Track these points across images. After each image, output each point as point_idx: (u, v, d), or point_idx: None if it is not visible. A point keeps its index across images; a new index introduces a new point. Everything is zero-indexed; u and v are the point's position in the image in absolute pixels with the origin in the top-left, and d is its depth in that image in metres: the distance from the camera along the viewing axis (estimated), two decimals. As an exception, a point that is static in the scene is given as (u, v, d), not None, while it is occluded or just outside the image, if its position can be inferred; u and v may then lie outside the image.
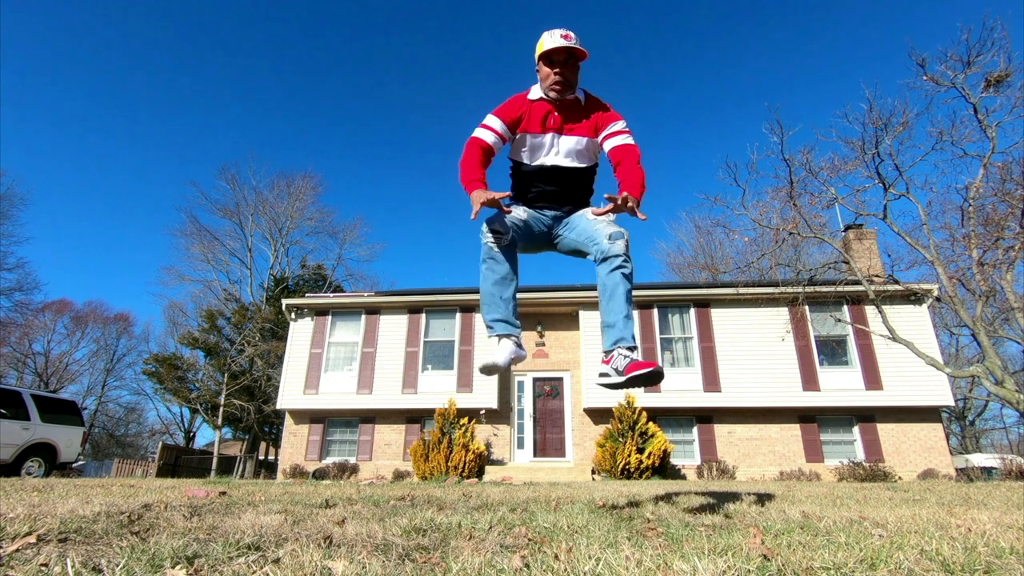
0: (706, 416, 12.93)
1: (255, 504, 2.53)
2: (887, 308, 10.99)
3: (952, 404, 12.98)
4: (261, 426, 25.71)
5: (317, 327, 14.71)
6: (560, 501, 2.90)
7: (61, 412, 9.97)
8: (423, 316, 14.46)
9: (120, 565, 1.11)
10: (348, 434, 14.06)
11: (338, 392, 13.95)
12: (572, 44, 2.19)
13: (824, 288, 12.02)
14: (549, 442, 13.37)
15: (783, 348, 12.98)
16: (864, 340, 12.72)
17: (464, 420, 11.35)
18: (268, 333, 24.89)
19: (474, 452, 10.96)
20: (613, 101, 2.37)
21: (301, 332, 14.71)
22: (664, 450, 10.77)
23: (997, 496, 3.54)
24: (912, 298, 12.74)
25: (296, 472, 13.25)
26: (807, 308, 12.97)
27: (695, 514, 2.14)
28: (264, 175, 37.90)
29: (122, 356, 36.09)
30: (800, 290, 11.68)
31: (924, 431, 12.41)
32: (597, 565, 1.16)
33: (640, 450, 10.64)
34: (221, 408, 23.80)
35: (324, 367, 14.28)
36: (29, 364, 31.84)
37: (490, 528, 1.74)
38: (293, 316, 14.89)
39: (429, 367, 14.06)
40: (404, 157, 63.41)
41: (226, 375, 24.27)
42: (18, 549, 1.25)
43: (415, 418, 13.68)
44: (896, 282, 10.92)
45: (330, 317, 14.79)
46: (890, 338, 10.06)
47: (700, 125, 64.44)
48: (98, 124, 54.93)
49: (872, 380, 12.52)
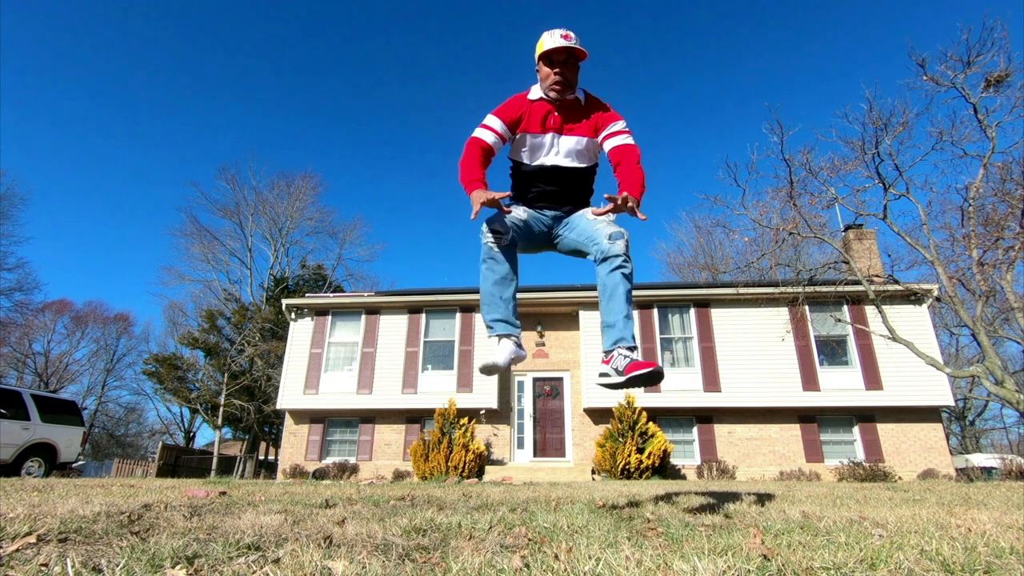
0: (706, 416, 12.94)
1: (255, 504, 2.53)
2: (887, 308, 10.99)
3: (952, 404, 12.98)
4: (261, 426, 25.71)
5: (317, 327, 14.72)
6: (560, 501, 2.90)
7: (61, 412, 9.97)
8: (423, 316, 14.46)
9: (120, 565, 1.11)
10: (348, 434, 14.06)
11: (338, 392, 13.95)
12: (572, 44, 2.18)
13: (824, 288, 12.02)
14: (549, 442, 13.37)
15: (783, 348, 12.98)
16: (864, 340, 12.72)
17: (464, 420, 11.35)
18: (268, 333, 24.89)
19: (474, 452, 10.96)
20: (613, 101, 2.36)
21: (301, 332, 14.72)
22: (664, 450, 10.78)
23: (997, 496, 3.54)
24: (912, 298, 12.74)
25: (296, 472, 13.25)
26: (807, 308, 12.97)
27: (695, 514, 2.14)
28: (264, 175, 37.96)
29: (122, 356, 36.16)
30: (800, 290, 11.68)
31: (924, 431, 12.41)
32: (597, 565, 1.16)
33: (640, 450, 10.65)
34: (221, 408, 23.80)
35: (324, 367, 14.28)
36: (29, 364, 31.86)
37: (490, 528, 1.74)
38: (293, 316, 14.90)
39: (429, 367, 14.06)
40: (404, 157, 63.49)
41: (226, 375, 24.28)
42: (18, 549, 1.25)
43: (415, 418, 13.69)
44: (896, 282, 10.92)
45: (330, 317, 14.79)
46: (890, 338, 10.06)
47: (700, 125, 64.53)
48: (98, 124, 55.00)
49: (872, 380, 12.52)
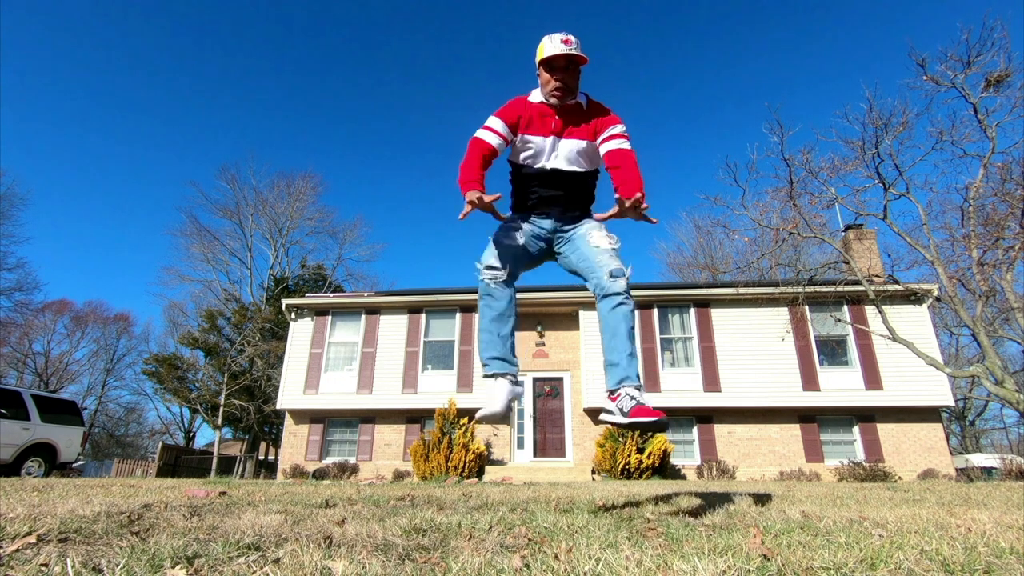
0: (706, 416, 12.94)
1: (255, 504, 2.53)
2: (887, 308, 10.99)
3: (952, 404, 12.98)
4: (261, 426, 25.72)
5: (317, 327, 14.72)
6: (560, 501, 2.90)
7: (61, 412, 9.97)
8: (423, 316, 14.46)
9: (120, 565, 1.11)
10: (348, 434, 14.06)
11: (338, 392, 13.95)
12: (572, 50, 2.17)
13: (824, 288, 12.02)
14: (549, 442, 13.37)
15: (783, 348, 12.98)
16: (864, 340, 12.72)
17: (464, 420, 11.34)
18: (268, 333, 24.89)
19: (474, 452, 10.96)
20: (613, 102, 2.36)
21: (301, 332, 14.72)
22: (664, 450, 10.78)
23: (997, 496, 3.54)
24: (912, 298, 12.74)
25: (296, 472, 13.25)
26: (807, 308, 12.97)
27: (695, 514, 2.14)
28: (264, 175, 38.01)
29: (122, 356, 36.16)
30: (800, 290, 11.68)
31: (924, 431, 12.41)
32: (597, 565, 1.16)
33: (640, 450, 10.65)
34: (221, 408, 23.80)
35: (324, 367, 14.28)
36: (29, 364, 31.86)
37: (490, 528, 1.74)
38: (293, 316, 14.90)
39: (429, 367, 14.06)
40: (404, 157, 63.48)
41: (226, 375, 24.28)
42: (18, 549, 1.25)
43: (415, 418, 13.69)
44: (896, 282, 10.92)
45: (330, 317, 14.79)
46: (890, 338, 10.06)
47: (700, 125, 64.54)
48: (98, 124, 55.02)
49: (872, 380, 12.52)
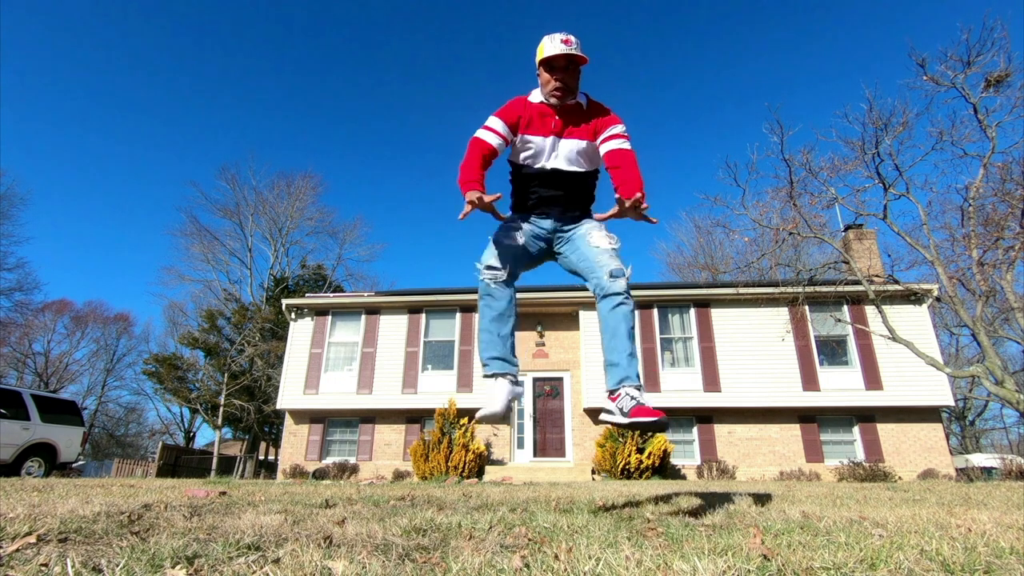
0: (706, 416, 12.93)
1: (255, 504, 2.53)
2: (887, 308, 10.99)
3: (952, 404, 12.98)
4: (261, 426, 25.71)
5: (317, 327, 14.72)
6: (560, 501, 2.90)
7: (61, 412, 9.97)
8: (423, 316, 14.46)
9: (120, 565, 1.11)
10: (348, 434, 14.06)
11: (338, 392, 13.95)
12: (572, 50, 2.16)
13: (824, 288, 12.02)
14: (549, 442, 13.37)
15: (783, 348, 12.98)
16: (864, 340, 12.71)
17: (464, 420, 11.34)
18: (268, 333, 24.89)
19: (474, 452, 10.96)
20: (613, 102, 2.36)
21: (301, 332, 14.72)
22: (664, 450, 10.77)
23: (997, 496, 3.54)
24: (912, 298, 12.74)
25: (296, 472, 13.25)
26: (807, 308, 12.97)
27: (695, 514, 2.14)
28: (264, 175, 38.01)
29: (122, 356, 36.16)
30: (800, 290, 11.68)
31: (924, 431, 12.41)
32: (597, 565, 1.16)
33: (640, 450, 10.64)
34: (221, 408, 23.80)
35: (324, 367, 14.28)
36: (29, 364, 31.86)
37: (490, 528, 1.74)
38: (293, 316, 14.90)
39: (429, 367, 14.06)
40: (404, 157, 63.48)
41: (226, 375, 24.28)
42: (18, 549, 1.25)
43: (415, 418, 13.69)
44: (896, 282, 10.91)
45: (330, 317, 14.79)
46: (890, 338, 10.05)
47: (700, 125, 64.54)
48: (98, 124, 55.02)
49: (872, 380, 12.52)
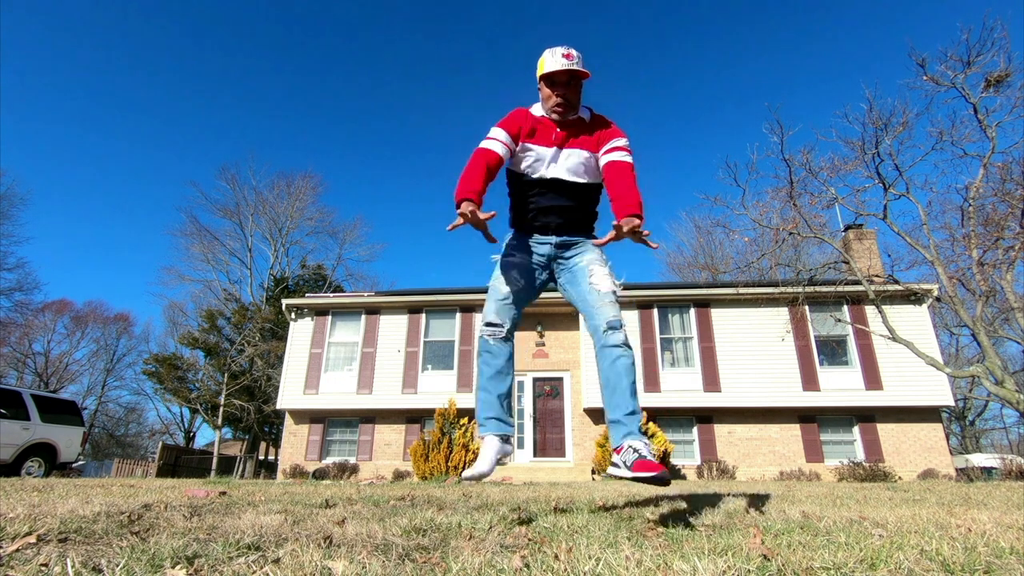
0: (706, 416, 12.93)
1: (255, 504, 2.53)
2: (887, 308, 10.99)
3: (952, 404, 12.98)
4: (261, 426, 25.71)
5: (317, 327, 14.71)
6: (560, 501, 2.90)
7: (61, 412, 9.97)
8: (423, 316, 14.46)
9: (120, 565, 1.11)
10: (348, 434, 14.06)
11: (338, 392, 13.95)
12: (574, 65, 2.14)
13: (824, 288, 12.02)
14: (549, 442, 13.37)
15: (783, 348, 12.98)
16: (864, 340, 12.71)
17: (464, 420, 11.33)
18: (268, 333, 24.89)
19: (474, 452, 10.95)
20: (614, 101, 2.37)
21: (301, 332, 14.72)
22: (664, 450, 10.77)
23: (997, 496, 3.54)
24: (912, 298, 12.74)
25: (296, 472, 13.25)
26: (807, 308, 12.97)
27: (695, 514, 2.14)
28: (264, 175, 38.04)
29: (122, 356, 36.17)
30: (800, 290, 11.67)
31: (924, 431, 12.41)
32: (597, 565, 1.16)
33: (640, 450, 10.63)
34: (221, 408, 23.80)
35: (324, 367, 14.28)
36: (29, 364, 31.86)
37: (490, 528, 1.74)
38: (293, 316, 14.89)
39: (429, 367, 14.06)
40: (404, 157, 63.47)
41: (226, 375, 24.28)
42: (18, 549, 1.25)
43: (415, 418, 13.68)
44: (896, 282, 10.91)
45: (330, 317, 14.79)
46: (890, 338, 10.05)
47: (700, 125, 64.53)
48: (98, 124, 55.00)
49: (872, 380, 12.51)
